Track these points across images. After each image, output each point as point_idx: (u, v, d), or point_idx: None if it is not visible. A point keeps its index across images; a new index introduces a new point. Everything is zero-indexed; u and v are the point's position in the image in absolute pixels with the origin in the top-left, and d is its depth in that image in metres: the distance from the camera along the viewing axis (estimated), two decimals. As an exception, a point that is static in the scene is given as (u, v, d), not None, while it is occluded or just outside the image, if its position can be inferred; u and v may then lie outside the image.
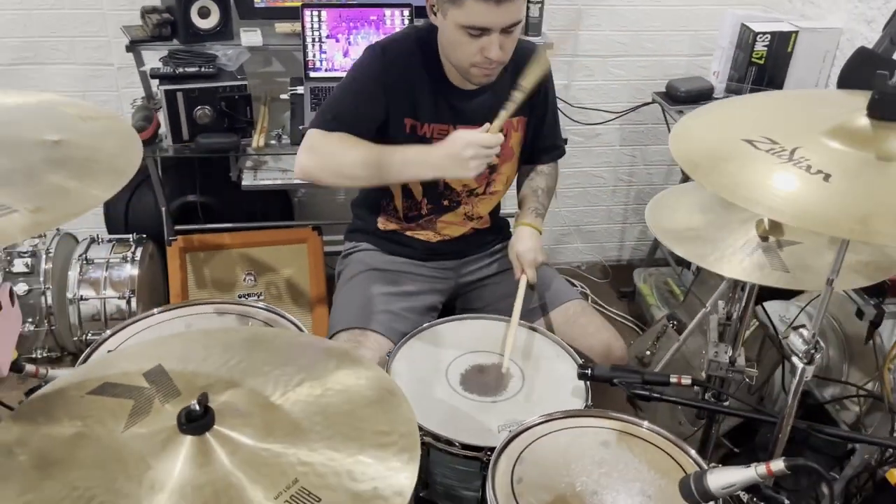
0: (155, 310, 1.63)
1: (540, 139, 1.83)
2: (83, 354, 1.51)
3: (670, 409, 2.30)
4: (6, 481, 0.88)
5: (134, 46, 2.26)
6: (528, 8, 2.40)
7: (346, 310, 1.70)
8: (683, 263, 2.89)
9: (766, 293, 2.23)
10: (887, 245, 1.09)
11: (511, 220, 1.99)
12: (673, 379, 1.42)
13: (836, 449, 1.95)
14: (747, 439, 2.24)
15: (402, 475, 0.92)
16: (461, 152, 1.49)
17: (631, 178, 3.13)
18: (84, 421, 0.97)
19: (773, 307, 2.31)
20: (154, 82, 2.23)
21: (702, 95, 2.50)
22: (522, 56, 1.72)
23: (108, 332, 1.58)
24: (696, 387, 1.43)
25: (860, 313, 1.67)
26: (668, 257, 3.00)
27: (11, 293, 1.26)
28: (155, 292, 2.58)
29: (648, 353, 2.48)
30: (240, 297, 2.51)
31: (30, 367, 1.28)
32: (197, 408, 0.92)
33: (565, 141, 2.33)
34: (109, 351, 1.54)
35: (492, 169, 1.76)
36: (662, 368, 2.26)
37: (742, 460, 1.69)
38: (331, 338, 1.66)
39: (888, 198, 0.84)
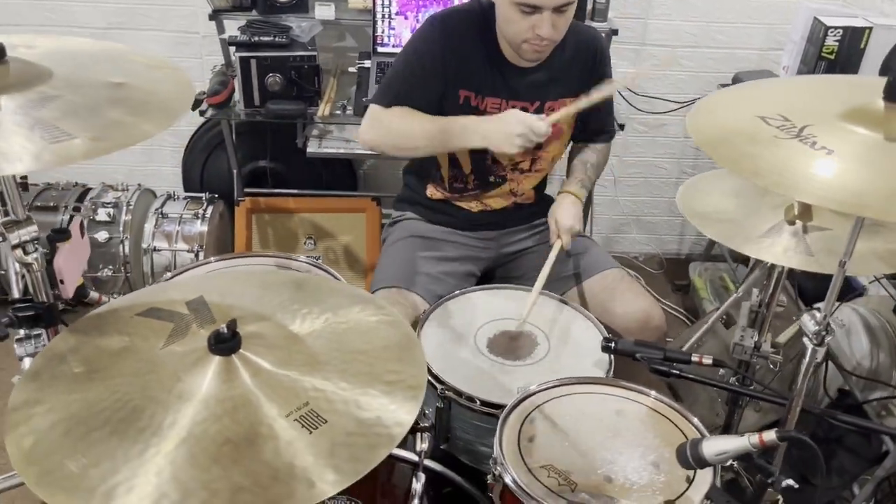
0: (213, 258, 1.75)
1: (592, 122, 1.87)
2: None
3: (709, 400, 2.30)
4: (57, 382, 1.00)
5: (216, 15, 2.40)
6: (594, -7, 2.42)
7: (387, 270, 1.79)
8: (740, 259, 2.86)
9: (819, 293, 2.21)
10: (876, 219, 1.09)
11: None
12: (694, 357, 1.44)
13: (870, 450, 1.92)
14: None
15: (404, 409, 1.00)
16: (512, 129, 1.57)
17: (694, 171, 3.10)
18: (130, 337, 1.09)
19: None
20: (231, 49, 2.36)
21: (768, 89, 2.46)
22: (580, 38, 1.77)
23: (169, 274, 1.71)
24: (717, 367, 1.45)
25: (897, 310, 1.65)
26: (725, 253, 2.97)
27: (82, 226, 1.39)
28: (222, 248, 2.73)
29: (694, 344, 2.49)
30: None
31: (93, 294, 1.41)
32: (226, 331, 1.02)
33: (621, 127, 2.36)
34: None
35: (539, 146, 1.80)
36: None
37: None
38: (372, 293, 1.75)
39: (886, 176, 0.86)
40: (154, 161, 3.04)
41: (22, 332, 1.20)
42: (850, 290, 2.29)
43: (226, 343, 1.02)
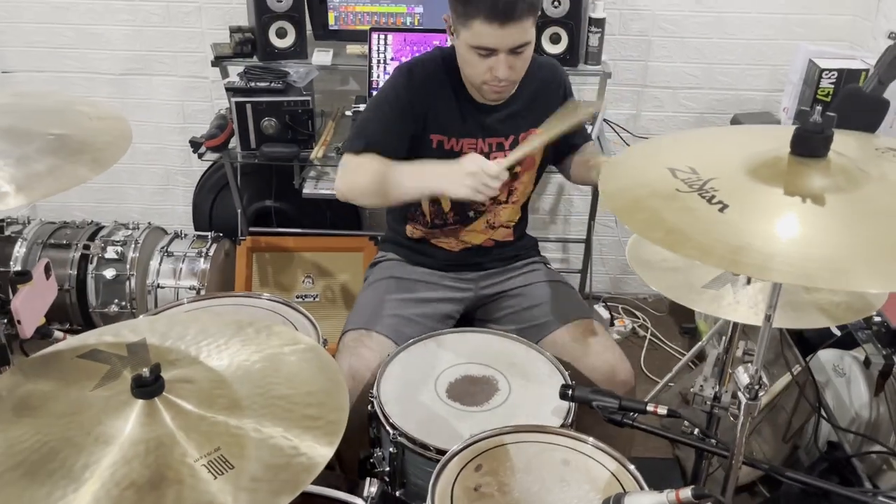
0: (184, 299, 1.80)
1: (562, 145, 1.87)
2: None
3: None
4: (-14, 419, 1.04)
5: (219, 62, 2.50)
6: (587, 37, 2.44)
7: (359, 312, 1.81)
8: (746, 303, 2.79)
9: (819, 341, 2.15)
10: (753, 276, 1.06)
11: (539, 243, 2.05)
12: (650, 407, 1.42)
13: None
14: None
15: (319, 452, 1.01)
16: (464, 171, 1.56)
17: (701, 213, 3.06)
18: (65, 379, 1.13)
19: (827, 356, 2.21)
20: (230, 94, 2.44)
21: (766, 131, 2.43)
22: (544, 69, 1.80)
23: (143, 316, 1.76)
24: (671, 417, 1.42)
25: (868, 362, 1.59)
26: (732, 296, 2.90)
27: (48, 268, 1.45)
28: (225, 286, 2.79)
29: (692, 389, 2.43)
30: (297, 297, 2.68)
31: (58, 333, 1.46)
32: (148, 375, 1.05)
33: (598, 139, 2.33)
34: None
35: (514, 177, 1.82)
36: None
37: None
38: (341, 336, 1.77)
39: (769, 230, 0.85)
40: (168, 200, 3.14)
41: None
42: (852, 340, 2.22)
43: (147, 387, 1.05)
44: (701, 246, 0.83)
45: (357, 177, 1.70)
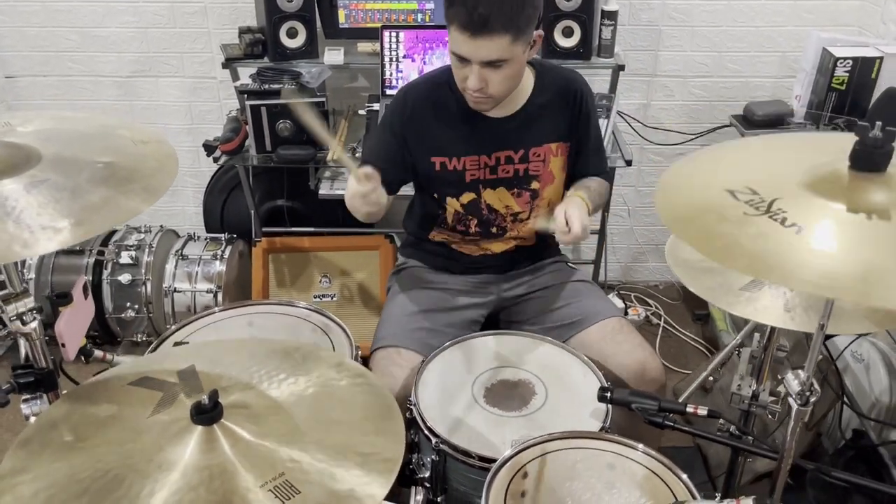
0: (216, 308, 1.80)
1: (582, 164, 1.87)
2: (153, 344, 1.70)
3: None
4: (45, 449, 1.04)
5: (229, 63, 2.47)
6: (600, 30, 2.43)
7: (386, 327, 1.81)
8: (760, 289, 2.82)
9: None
10: (855, 302, 1.07)
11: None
12: (689, 408, 1.43)
13: (885, 496, 1.87)
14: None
15: (377, 484, 1.01)
16: (356, 204, 1.62)
17: (712, 200, 3.07)
18: (119, 406, 1.13)
19: (845, 342, 2.23)
20: (244, 96, 2.42)
21: (779, 120, 2.44)
22: (560, 81, 1.78)
23: (174, 326, 1.76)
24: (711, 418, 1.44)
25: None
26: (745, 282, 2.92)
27: (85, 287, 1.45)
28: (241, 288, 2.79)
29: (711, 378, 2.45)
30: (315, 297, 2.68)
31: (98, 353, 1.46)
32: (207, 402, 1.05)
33: (629, 163, 2.36)
34: (176, 343, 1.72)
35: (534, 194, 1.82)
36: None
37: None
38: (371, 353, 1.78)
39: (851, 251, 0.86)
40: (178, 201, 3.13)
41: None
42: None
43: (207, 413, 1.05)
44: (790, 273, 0.83)
45: (347, 198, 1.71)
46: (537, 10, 1.61)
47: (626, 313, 2.99)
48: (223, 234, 2.78)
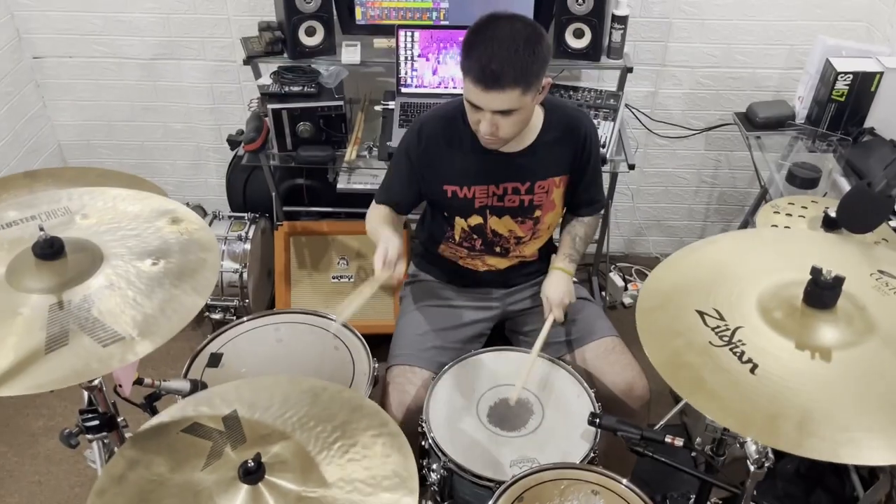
0: (245, 318, 1.99)
1: (580, 193, 2.01)
2: (189, 359, 1.89)
3: None
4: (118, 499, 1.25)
5: (250, 60, 2.56)
6: (610, 33, 2.49)
7: (401, 346, 2.00)
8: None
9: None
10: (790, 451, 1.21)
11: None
12: (668, 439, 1.63)
13: (844, 491, 2.09)
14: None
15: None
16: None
17: (714, 181, 3.18)
18: (176, 458, 1.33)
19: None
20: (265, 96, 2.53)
21: (780, 122, 2.53)
22: (568, 121, 1.90)
23: (209, 337, 1.96)
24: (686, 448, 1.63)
25: None
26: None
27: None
28: (263, 262, 2.96)
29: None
30: (333, 277, 2.86)
31: (147, 380, 1.66)
32: (252, 464, 1.25)
33: (632, 167, 2.48)
34: (212, 354, 1.92)
35: (536, 221, 1.96)
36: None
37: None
38: (387, 369, 1.97)
39: (797, 394, 1.02)
40: (201, 174, 3.27)
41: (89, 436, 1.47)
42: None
43: (252, 475, 1.25)
44: (742, 416, 0.99)
45: (368, 222, 1.96)
46: (546, 62, 1.70)
47: (626, 289, 3.16)
48: (246, 214, 2.93)
